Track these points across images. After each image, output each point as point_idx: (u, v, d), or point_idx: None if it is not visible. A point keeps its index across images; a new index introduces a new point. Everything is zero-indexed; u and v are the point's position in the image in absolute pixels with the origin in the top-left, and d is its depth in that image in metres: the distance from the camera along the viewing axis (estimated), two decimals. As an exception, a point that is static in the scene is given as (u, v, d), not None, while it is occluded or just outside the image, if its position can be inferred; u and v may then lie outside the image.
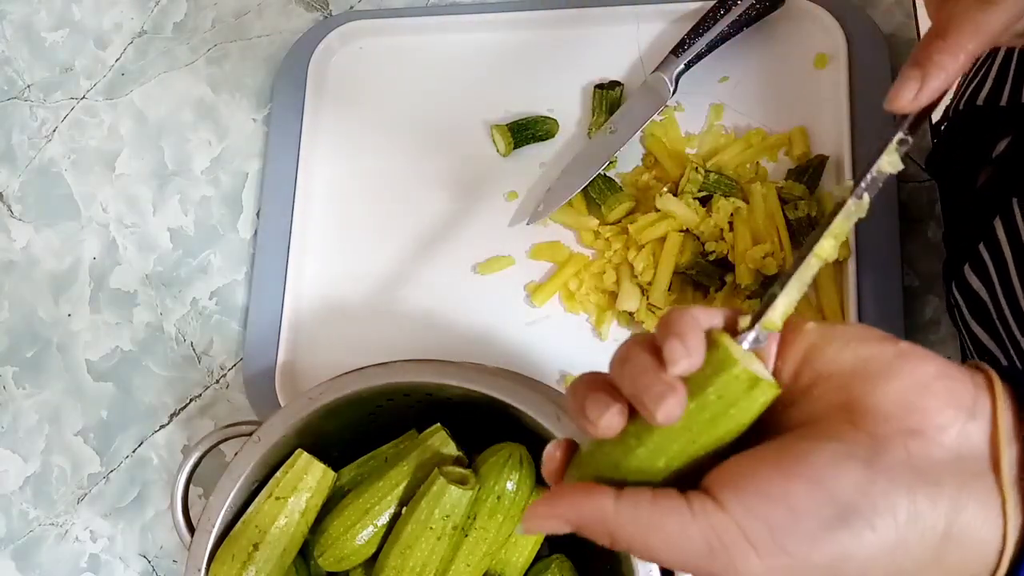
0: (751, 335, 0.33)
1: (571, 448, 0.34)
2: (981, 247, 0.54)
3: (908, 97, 0.37)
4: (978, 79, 0.61)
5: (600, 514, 0.31)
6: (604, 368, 0.34)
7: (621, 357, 0.33)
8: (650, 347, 0.32)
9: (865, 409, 0.30)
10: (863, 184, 0.35)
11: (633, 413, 0.32)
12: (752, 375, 0.32)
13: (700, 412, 0.32)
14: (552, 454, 0.35)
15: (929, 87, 0.37)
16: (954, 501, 0.29)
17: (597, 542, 0.32)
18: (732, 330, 0.34)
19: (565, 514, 0.32)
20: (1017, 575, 0.29)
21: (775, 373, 0.33)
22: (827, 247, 0.34)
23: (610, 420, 0.32)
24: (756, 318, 0.33)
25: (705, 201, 0.67)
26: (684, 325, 0.32)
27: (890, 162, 0.36)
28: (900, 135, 0.37)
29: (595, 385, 0.33)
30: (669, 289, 0.66)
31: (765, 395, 0.32)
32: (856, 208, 0.35)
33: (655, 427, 0.31)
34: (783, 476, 0.30)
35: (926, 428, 0.30)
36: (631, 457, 0.32)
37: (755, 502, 0.29)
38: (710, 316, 0.33)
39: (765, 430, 0.33)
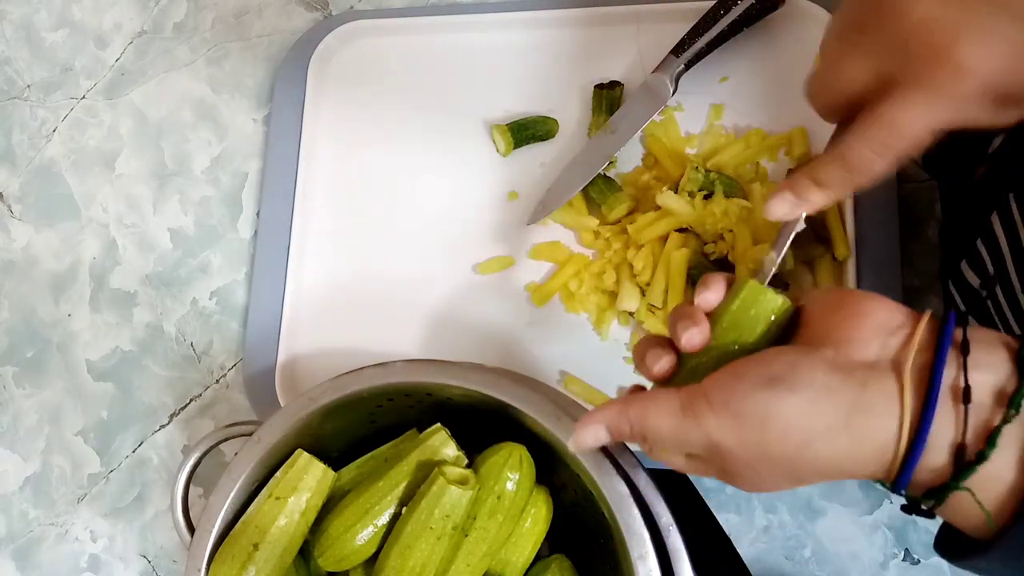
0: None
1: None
2: (978, 243, 0.54)
3: (780, 212, 0.46)
4: None
5: (617, 410, 0.43)
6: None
7: (672, 314, 0.45)
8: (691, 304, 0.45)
9: (811, 330, 0.41)
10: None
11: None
12: (763, 288, 0.42)
13: (730, 327, 0.42)
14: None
15: (799, 212, 0.46)
16: (862, 382, 0.37)
17: (626, 437, 0.44)
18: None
19: (596, 420, 0.44)
20: (916, 451, 0.36)
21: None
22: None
23: (662, 366, 0.44)
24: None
25: (706, 200, 0.67)
26: (710, 279, 0.45)
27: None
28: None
29: (653, 342, 0.45)
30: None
31: (775, 303, 0.42)
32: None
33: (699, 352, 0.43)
34: (742, 363, 0.41)
35: (851, 340, 0.39)
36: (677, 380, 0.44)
37: (717, 376, 0.41)
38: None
39: None
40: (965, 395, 0.36)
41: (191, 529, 0.60)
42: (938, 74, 0.38)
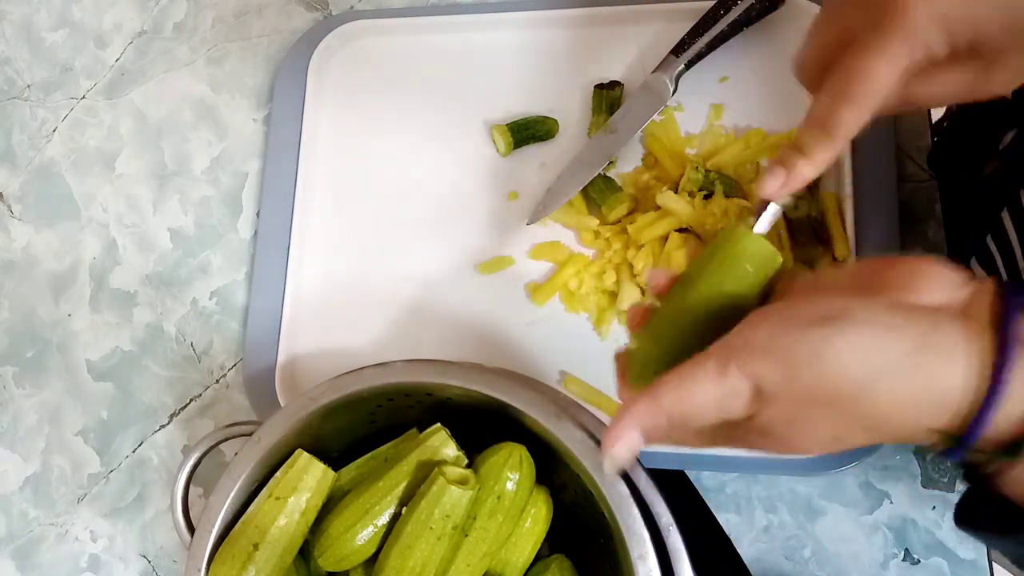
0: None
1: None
2: (988, 239, 0.54)
3: (773, 188, 0.44)
4: None
5: (646, 405, 0.38)
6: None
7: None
8: None
9: (862, 281, 0.38)
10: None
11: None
12: (756, 238, 0.41)
13: (715, 269, 0.41)
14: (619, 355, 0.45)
15: (792, 185, 0.43)
16: (931, 322, 0.34)
17: (661, 432, 0.38)
18: None
19: (626, 426, 0.38)
20: (997, 390, 0.33)
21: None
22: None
23: (659, 279, 0.43)
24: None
25: (706, 200, 0.67)
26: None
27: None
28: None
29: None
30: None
31: (764, 248, 0.41)
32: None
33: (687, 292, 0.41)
34: (785, 305, 0.37)
35: (913, 288, 0.36)
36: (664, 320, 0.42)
37: (755, 321, 0.37)
38: None
39: None
40: None
41: (191, 529, 0.60)
42: (890, 13, 0.40)
